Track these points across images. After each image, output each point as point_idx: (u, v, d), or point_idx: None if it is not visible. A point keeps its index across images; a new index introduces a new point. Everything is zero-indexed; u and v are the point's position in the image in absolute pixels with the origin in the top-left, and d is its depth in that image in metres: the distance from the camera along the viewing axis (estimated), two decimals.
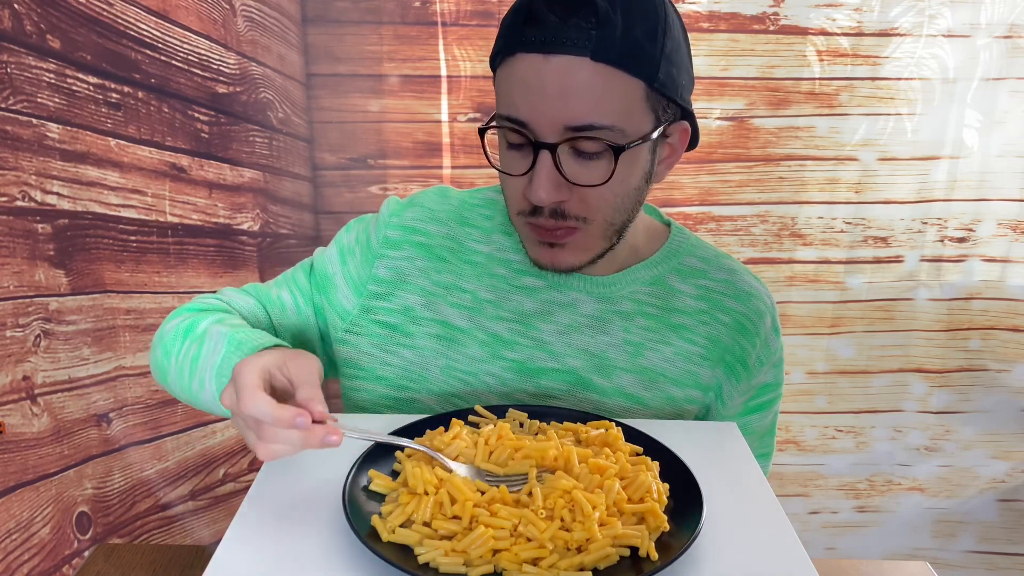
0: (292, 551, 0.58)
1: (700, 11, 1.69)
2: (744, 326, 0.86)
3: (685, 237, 0.89)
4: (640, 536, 0.57)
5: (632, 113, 0.71)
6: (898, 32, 1.71)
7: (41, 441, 1.34)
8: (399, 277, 0.86)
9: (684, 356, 0.84)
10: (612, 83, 0.69)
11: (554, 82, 0.68)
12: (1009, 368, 1.90)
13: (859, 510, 1.99)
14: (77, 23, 1.31)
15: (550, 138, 0.70)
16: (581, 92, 0.68)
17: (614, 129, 0.70)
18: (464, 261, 0.86)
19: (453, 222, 0.88)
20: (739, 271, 0.89)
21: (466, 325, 0.84)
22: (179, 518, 1.62)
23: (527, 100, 0.70)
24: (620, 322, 0.84)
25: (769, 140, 1.78)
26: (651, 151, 0.75)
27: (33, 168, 1.28)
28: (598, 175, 0.71)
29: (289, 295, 0.90)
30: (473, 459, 0.66)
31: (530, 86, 0.69)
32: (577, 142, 0.70)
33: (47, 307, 1.33)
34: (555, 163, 0.71)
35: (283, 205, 1.70)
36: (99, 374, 1.44)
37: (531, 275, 0.85)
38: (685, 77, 0.75)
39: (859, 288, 1.87)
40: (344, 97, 1.70)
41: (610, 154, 0.71)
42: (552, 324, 0.84)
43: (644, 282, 0.85)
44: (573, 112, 0.69)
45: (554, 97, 0.69)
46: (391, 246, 0.87)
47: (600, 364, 0.83)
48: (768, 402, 0.90)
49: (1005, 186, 1.81)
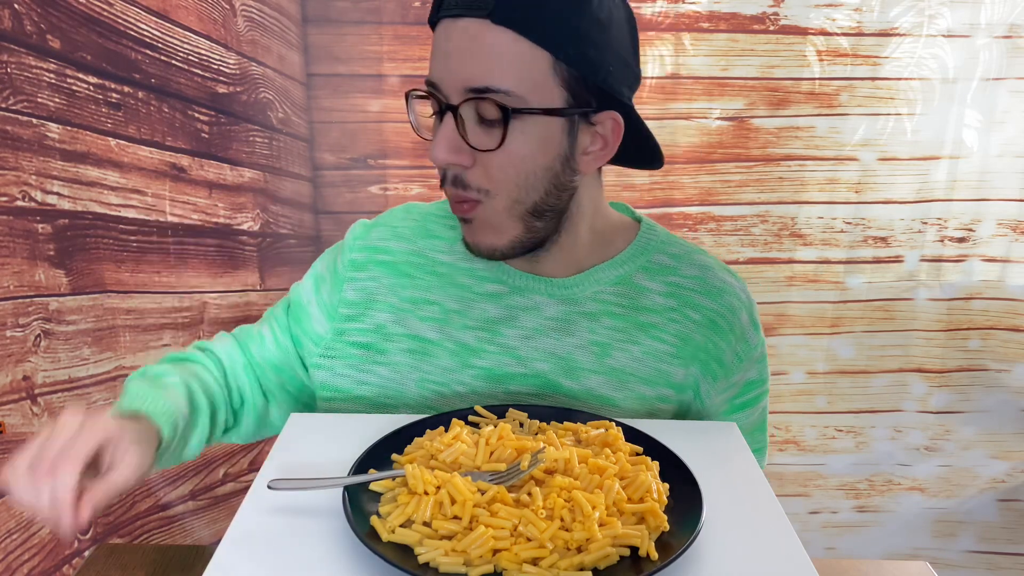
0: (292, 551, 0.58)
1: (700, 11, 1.69)
2: (716, 323, 0.84)
3: (655, 234, 0.88)
4: (640, 536, 0.57)
5: (535, 83, 0.71)
6: (898, 32, 1.71)
7: None
8: (368, 298, 0.87)
9: (654, 355, 0.83)
10: (512, 48, 0.69)
11: (458, 43, 0.71)
12: (1009, 368, 1.90)
13: (859, 510, 1.99)
14: (77, 23, 1.31)
15: (454, 99, 0.72)
16: (480, 53, 0.70)
17: (512, 95, 0.70)
18: (429, 273, 0.87)
19: (417, 236, 0.89)
20: (712, 267, 0.87)
21: (436, 337, 0.85)
22: (179, 518, 1.62)
23: (437, 62, 0.73)
24: (585, 323, 0.83)
25: (769, 140, 1.78)
26: (567, 132, 0.74)
27: (33, 168, 1.28)
28: (496, 141, 0.72)
29: (269, 330, 0.92)
30: (474, 459, 0.66)
31: (440, 49, 0.72)
32: (479, 105, 0.71)
33: (47, 307, 1.33)
34: (456, 125, 0.72)
35: (283, 205, 1.70)
36: (99, 374, 1.44)
37: (494, 282, 0.85)
38: (615, 64, 0.74)
39: (859, 288, 1.87)
40: (344, 97, 1.70)
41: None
42: (517, 329, 0.84)
43: (609, 282, 0.85)
44: (471, 72, 0.70)
45: (456, 58, 0.71)
46: (357, 268, 0.88)
47: (567, 367, 0.83)
48: (755, 399, 0.89)
49: (1005, 186, 1.81)
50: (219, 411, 0.87)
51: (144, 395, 0.75)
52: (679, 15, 1.69)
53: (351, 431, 0.74)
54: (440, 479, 0.62)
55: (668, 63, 1.72)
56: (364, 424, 0.76)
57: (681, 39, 1.71)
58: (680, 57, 1.72)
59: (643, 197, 1.79)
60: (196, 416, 0.82)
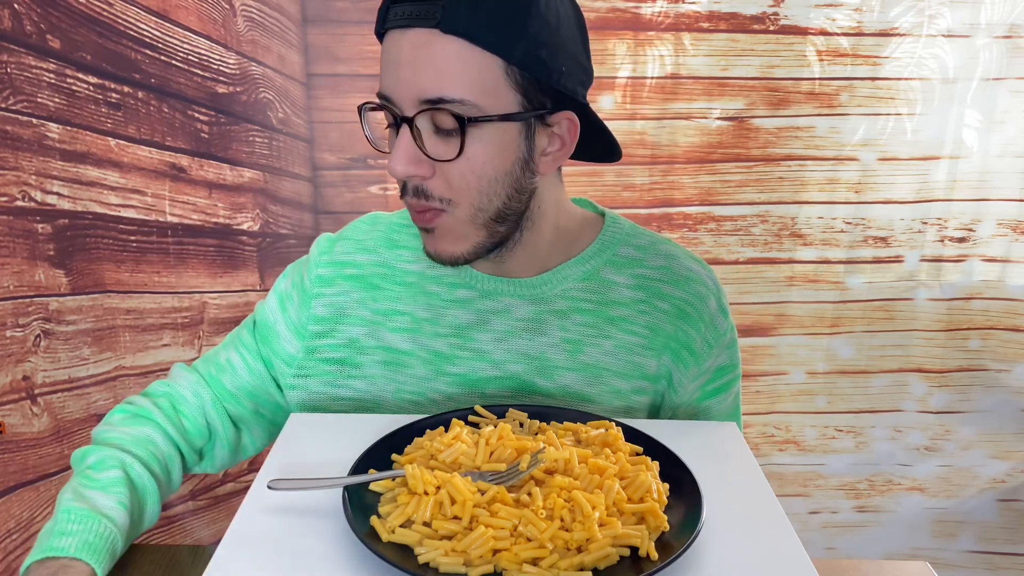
0: (292, 551, 0.58)
1: (700, 11, 1.69)
2: (685, 311, 0.85)
3: (619, 227, 0.88)
4: (640, 536, 0.57)
5: (488, 89, 0.70)
6: (898, 32, 1.71)
7: (41, 441, 1.34)
8: (338, 312, 0.87)
9: (625, 348, 0.84)
10: (463, 56, 0.69)
11: (408, 55, 0.70)
12: (1009, 368, 1.90)
13: (859, 510, 1.99)
14: (77, 23, 1.31)
15: (408, 111, 0.71)
16: (432, 64, 0.69)
17: (466, 103, 0.70)
18: (397, 283, 0.87)
19: (382, 248, 0.89)
20: (677, 256, 0.88)
21: (408, 347, 0.85)
22: (179, 518, 1.62)
23: (388, 75, 0.72)
24: (556, 321, 0.84)
25: (769, 140, 1.78)
26: (524, 136, 0.74)
27: (33, 168, 1.28)
28: (455, 150, 0.71)
29: (237, 355, 0.90)
30: (474, 459, 0.66)
31: (390, 61, 0.72)
32: (434, 116, 0.71)
33: (47, 307, 1.33)
34: (413, 136, 0.71)
35: (283, 205, 1.70)
36: (99, 374, 1.44)
37: (464, 287, 0.85)
38: (567, 64, 0.74)
39: (859, 288, 1.87)
40: (344, 97, 1.70)
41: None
42: (489, 333, 0.84)
43: (576, 278, 0.85)
44: (424, 84, 0.70)
45: (408, 69, 0.70)
46: (324, 283, 0.87)
47: (541, 366, 0.83)
48: (726, 384, 0.90)
49: (1005, 186, 1.81)
50: (172, 469, 0.85)
51: (72, 530, 0.71)
52: (679, 15, 1.69)
53: (351, 431, 0.74)
54: (440, 479, 0.62)
55: (668, 63, 1.72)
56: (364, 424, 0.76)
57: (681, 39, 1.71)
58: (680, 57, 1.72)
59: (643, 197, 1.79)
60: (143, 495, 0.80)
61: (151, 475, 0.81)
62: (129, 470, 0.79)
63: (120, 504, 0.75)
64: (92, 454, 0.80)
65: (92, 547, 0.70)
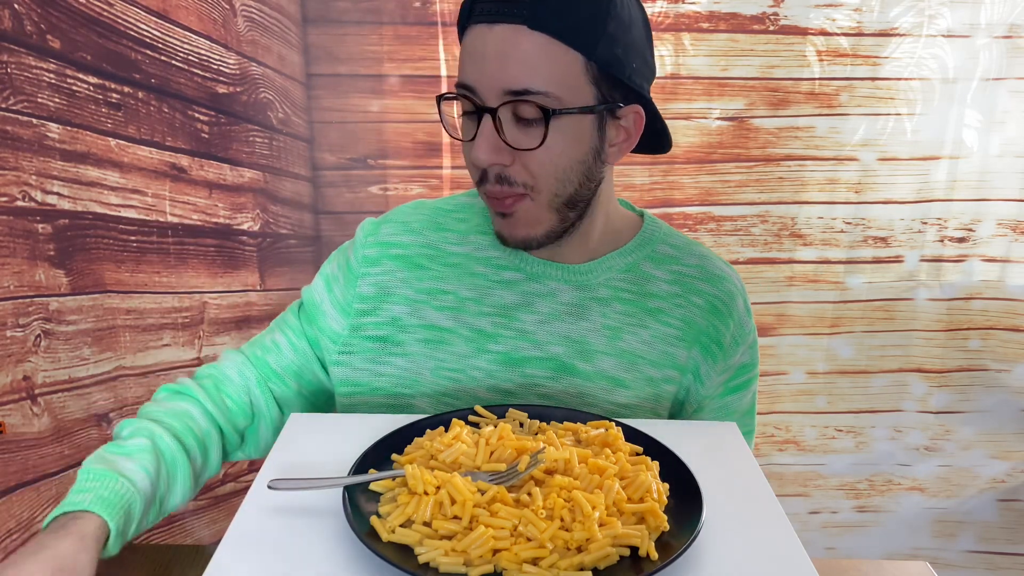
0: (292, 551, 0.58)
1: (700, 11, 1.69)
2: (717, 308, 0.89)
3: (657, 227, 0.94)
4: (640, 536, 0.57)
5: (570, 83, 0.75)
6: (898, 32, 1.71)
7: (41, 441, 1.34)
8: (383, 291, 0.89)
9: (661, 338, 0.88)
10: (548, 51, 0.73)
11: (495, 49, 0.74)
12: (1009, 368, 1.90)
13: (859, 510, 1.99)
14: (77, 23, 1.32)
15: (492, 102, 0.75)
16: (518, 58, 0.73)
17: (549, 95, 0.74)
18: (443, 264, 0.89)
19: (428, 230, 0.92)
20: (710, 257, 0.93)
21: (451, 324, 0.87)
22: (179, 518, 1.62)
23: (473, 66, 0.76)
24: (598, 308, 0.87)
25: (769, 140, 1.78)
26: (597, 127, 0.79)
27: (33, 168, 1.28)
28: (535, 139, 0.75)
29: (283, 336, 0.93)
30: (474, 459, 0.66)
31: (475, 53, 0.75)
32: (516, 107, 0.75)
33: (47, 307, 1.33)
34: (496, 127, 0.75)
35: (283, 205, 1.70)
36: (99, 374, 1.44)
37: (510, 269, 0.88)
38: (637, 61, 0.78)
39: (859, 288, 1.87)
40: (344, 97, 1.70)
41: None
42: (533, 314, 0.87)
43: (619, 269, 0.89)
44: (511, 76, 0.73)
45: (494, 63, 0.74)
46: (370, 264, 0.90)
47: (581, 349, 0.86)
48: (746, 382, 0.94)
49: (1005, 186, 1.81)
50: (211, 447, 0.85)
51: (89, 487, 0.72)
52: (679, 15, 1.69)
53: (351, 431, 0.74)
54: (440, 479, 0.62)
55: (668, 63, 1.72)
56: (364, 424, 0.76)
57: (681, 39, 1.71)
58: (680, 57, 1.72)
59: (643, 197, 1.79)
60: (173, 468, 0.79)
61: (182, 448, 0.81)
62: (158, 440, 0.79)
63: (143, 469, 0.76)
64: (128, 426, 0.81)
65: (106, 501, 0.71)
